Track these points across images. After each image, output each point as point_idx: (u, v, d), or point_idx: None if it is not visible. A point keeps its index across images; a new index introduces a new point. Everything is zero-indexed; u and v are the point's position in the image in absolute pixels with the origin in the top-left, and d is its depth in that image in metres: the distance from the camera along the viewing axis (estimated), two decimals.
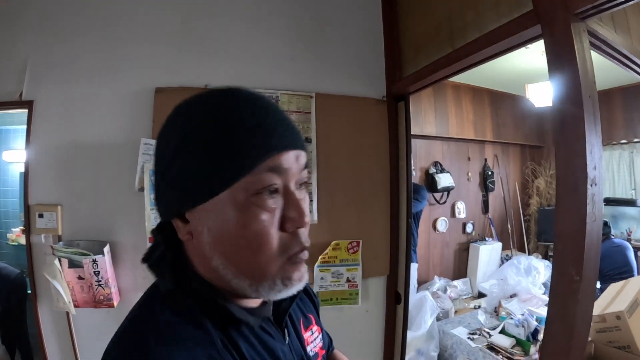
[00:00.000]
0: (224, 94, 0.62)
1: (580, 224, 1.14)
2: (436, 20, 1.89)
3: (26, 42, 1.94)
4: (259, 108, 0.60)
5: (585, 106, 1.15)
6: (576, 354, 1.22)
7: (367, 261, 2.21)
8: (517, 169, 5.60)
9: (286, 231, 0.60)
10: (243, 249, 0.58)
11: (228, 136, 0.57)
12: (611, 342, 2.50)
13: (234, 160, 0.56)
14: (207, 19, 2.07)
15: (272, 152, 0.58)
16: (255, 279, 0.60)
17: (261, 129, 0.58)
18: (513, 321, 3.17)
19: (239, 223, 0.57)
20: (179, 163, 0.58)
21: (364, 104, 2.24)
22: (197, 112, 0.61)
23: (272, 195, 0.59)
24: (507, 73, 4.34)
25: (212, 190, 0.57)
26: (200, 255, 0.62)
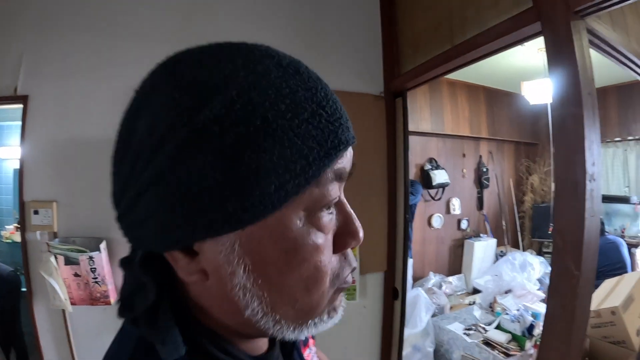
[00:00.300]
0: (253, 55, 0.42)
1: (579, 219, 1.16)
2: (435, 16, 1.90)
3: (22, 36, 1.92)
4: (313, 82, 0.42)
5: (585, 103, 1.16)
6: (575, 347, 1.23)
7: (365, 257, 2.22)
8: (512, 166, 5.64)
9: (338, 252, 0.46)
10: (298, 288, 0.42)
11: (279, 124, 0.37)
12: (606, 337, 2.53)
13: (291, 164, 0.37)
14: (205, 16, 2.06)
15: (341, 150, 0.41)
16: (302, 319, 0.44)
17: (326, 116, 0.40)
18: (508, 317, 3.20)
19: (298, 257, 0.41)
20: (190, 164, 0.37)
21: (362, 100, 2.24)
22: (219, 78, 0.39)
23: (329, 210, 0.44)
24: (503, 70, 4.36)
25: (254, 211, 0.37)
26: (224, 302, 0.43)
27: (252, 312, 0.42)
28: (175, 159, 0.37)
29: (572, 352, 1.22)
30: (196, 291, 0.45)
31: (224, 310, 0.44)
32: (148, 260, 0.43)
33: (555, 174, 1.29)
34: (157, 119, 0.39)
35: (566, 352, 1.22)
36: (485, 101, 5.17)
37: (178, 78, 0.40)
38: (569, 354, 1.22)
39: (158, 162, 0.37)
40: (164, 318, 0.42)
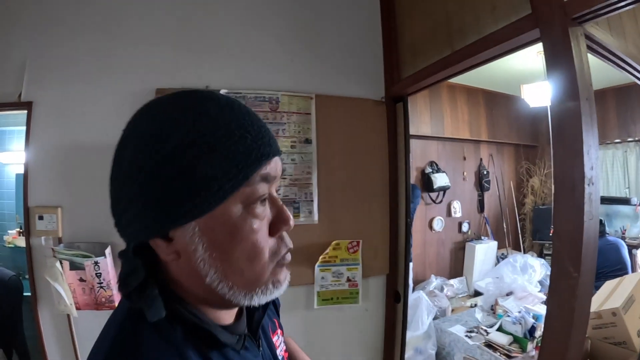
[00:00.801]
0: (202, 96, 0.59)
1: (578, 222, 1.18)
2: (434, 22, 1.92)
3: (25, 43, 1.94)
4: (241, 113, 0.59)
5: (583, 108, 1.19)
6: (575, 347, 1.25)
7: (367, 260, 2.24)
8: (512, 169, 5.66)
9: (274, 236, 0.61)
10: (240, 260, 0.57)
11: (216, 144, 0.54)
12: (607, 338, 2.53)
13: (227, 171, 0.54)
14: (207, 21, 2.08)
15: (264, 160, 0.57)
16: (251, 287, 0.59)
17: (251, 138, 0.56)
18: (510, 319, 3.21)
19: (237, 236, 0.56)
20: (162, 179, 0.53)
21: (363, 105, 2.26)
22: (179, 115, 0.56)
23: (262, 203, 0.59)
24: (502, 73, 4.39)
25: (205, 205, 0.54)
26: (190, 274, 0.58)
27: (211, 279, 0.57)
28: (152, 176, 0.53)
29: (572, 352, 1.24)
30: (173, 268, 0.60)
31: (192, 280, 0.59)
32: (138, 248, 0.58)
33: (554, 178, 1.31)
34: (137, 149, 0.55)
35: (566, 351, 1.24)
36: (485, 104, 5.18)
37: (149, 121, 0.57)
38: (569, 353, 1.24)
39: (141, 179, 0.54)
40: (150, 290, 0.56)
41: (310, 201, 2.16)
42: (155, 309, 0.55)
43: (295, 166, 2.14)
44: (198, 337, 0.58)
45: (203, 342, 0.59)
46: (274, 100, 2.11)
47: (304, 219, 2.15)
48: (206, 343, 0.59)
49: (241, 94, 2.06)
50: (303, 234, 2.14)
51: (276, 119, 2.12)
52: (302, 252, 2.14)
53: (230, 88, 2.05)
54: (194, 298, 0.61)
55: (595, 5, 1.16)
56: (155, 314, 0.55)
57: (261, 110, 2.09)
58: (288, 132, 2.14)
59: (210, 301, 0.61)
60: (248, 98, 2.08)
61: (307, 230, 2.16)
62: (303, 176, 2.16)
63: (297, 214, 2.14)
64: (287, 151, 2.13)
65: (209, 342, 0.59)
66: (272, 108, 2.11)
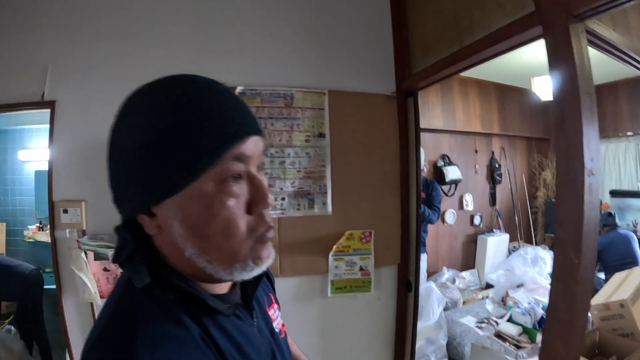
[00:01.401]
0: (182, 82, 0.62)
1: (579, 211, 1.23)
2: (444, 18, 1.97)
3: (48, 45, 2.03)
4: (218, 95, 0.61)
5: (583, 102, 1.24)
6: (577, 332, 1.30)
7: (379, 250, 2.31)
8: (524, 162, 5.67)
9: (252, 214, 0.63)
10: (215, 236, 0.60)
11: (193, 127, 0.57)
12: (615, 329, 2.56)
13: (200, 151, 0.57)
14: (224, 23, 2.16)
15: (236, 140, 0.59)
16: (229, 262, 0.62)
17: (224, 118, 0.59)
18: (520, 310, 3.26)
19: (210, 212, 0.59)
20: (143, 157, 0.58)
21: (375, 99, 2.33)
22: (158, 100, 0.60)
23: (237, 181, 0.61)
24: (514, 66, 4.38)
25: (180, 183, 0.58)
26: (172, 247, 0.62)
27: (189, 253, 0.61)
28: (134, 157, 0.58)
29: (574, 336, 1.30)
30: (158, 242, 0.64)
31: (175, 253, 0.63)
32: (128, 223, 0.64)
33: (556, 169, 1.36)
34: (123, 134, 0.61)
35: (569, 335, 1.29)
36: (497, 97, 5.19)
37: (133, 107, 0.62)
38: (572, 337, 1.29)
39: (125, 160, 0.60)
40: (138, 259, 0.62)
41: (324, 193, 2.24)
42: (140, 275, 0.60)
43: (309, 159, 2.22)
44: (189, 303, 0.62)
45: (195, 306, 0.62)
46: (288, 96, 2.19)
47: (318, 210, 2.23)
48: (198, 308, 0.62)
49: (257, 91, 2.15)
50: (317, 224, 2.23)
51: (291, 115, 2.20)
52: (316, 242, 2.22)
53: (247, 85, 2.13)
54: (182, 269, 0.64)
55: (596, 2, 1.20)
56: (140, 280, 0.59)
57: (276, 106, 2.18)
58: (302, 126, 2.22)
59: (195, 274, 0.64)
60: (264, 95, 2.16)
61: (321, 221, 2.24)
62: (317, 169, 2.23)
63: (312, 205, 2.22)
64: (301, 145, 2.21)
65: (200, 307, 0.62)
66: (286, 104, 2.19)
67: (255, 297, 0.78)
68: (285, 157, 2.19)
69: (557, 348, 1.32)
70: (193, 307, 0.62)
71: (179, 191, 0.58)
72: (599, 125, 4.10)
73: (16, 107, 2.10)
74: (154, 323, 0.57)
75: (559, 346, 1.31)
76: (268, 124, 2.17)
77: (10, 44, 2.03)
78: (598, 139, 1.30)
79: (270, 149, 2.17)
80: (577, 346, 1.30)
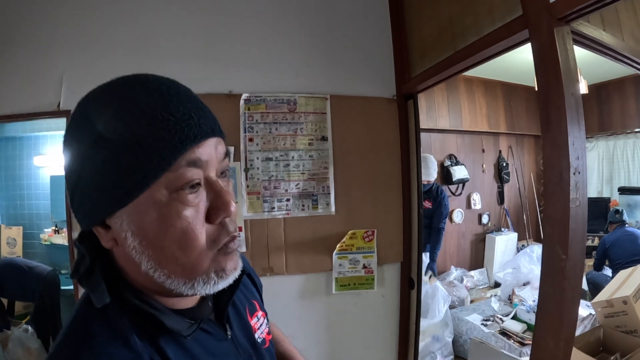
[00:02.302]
0: (130, 83, 0.57)
1: (565, 209, 1.28)
2: (439, 23, 2.02)
3: (63, 57, 2.11)
4: (170, 96, 0.56)
5: (568, 103, 1.28)
6: (567, 327, 1.34)
7: (382, 249, 2.37)
8: (532, 160, 5.66)
9: (213, 223, 0.58)
10: (171, 248, 0.55)
11: (139, 131, 0.52)
12: (618, 326, 2.57)
13: (149, 158, 0.52)
14: (229, 33, 2.24)
15: (189, 144, 0.54)
16: (189, 276, 0.57)
17: (174, 120, 0.54)
18: (525, 307, 3.28)
19: (164, 223, 0.54)
20: (90, 166, 0.54)
21: (376, 103, 2.39)
22: (104, 106, 0.55)
23: (193, 189, 0.56)
24: (519, 64, 4.37)
25: (129, 192, 0.53)
26: (129, 261, 0.58)
27: (145, 267, 0.57)
28: (84, 165, 0.54)
29: (564, 331, 1.34)
30: (116, 256, 0.61)
31: (132, 268, 0.59)
32: (84, 236, 0.60)
33: (544, 168, 1.41)
34: (72, 140, 0.57)
35: (559, 330, 1.34)
36: (503, 96, 5.19)
37: (82, 110, 0.58)
38: (561, 332, 1.33)
39: (77, 168, 0.56)
40: (95, 275, 0.58)
41: (327, 194, 2.31)
42: (100, 293, 0.56)
43: (313, 162, 2.29)
44: (146, 323, 0.58)
45: (151, 327, 0.58)
46: (291, 101, 2.27)
47: (322, 210, 2.30)
48: (154, 328, 0.58)
49: (261, 97, 2.23)
50: (321, 224, 2.30)
51: (294, 119, 2.27)
52: (320, 241, 2.29)
53: (252, 92, 2.21)
54: (142, 285, 0.60)
55: (579, 4, 1.23)
56: (99, 300, 0.56)
57: (280, 111, 2.25)
58: (305, 130, 2.28)
59: (157, 289, 0.60)
60: (268, 101, 2.24)
61: (325, 221, 2.30)
62: (320, 171, 2.30)
63: (316, 205, 2.29)
64: (305, 148, 2.28)
65: (157, 328, 0.58)
66: (290, 109, 2.26)
67: (234, 305, 0.76)
68: (290, 160, 2.26)
69: (547, 343, 1.37)
70: (149, 327, 0.58)
71: (130, 201, 0.54)
72: (606, 121, 4.17)
73: (33, 116, 2.20)
74: (100, 345, 0.53)
75: (549, 341, 1.36)
76: (273, 129, 2.24)
77: (27, 56, 2.12)
78: (584, 138, 1.34)
79: (275, 152, 2.24)
80: (567, 341, 1.34)
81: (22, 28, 2.13)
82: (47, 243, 4.48)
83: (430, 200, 4.00)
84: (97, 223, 0.57)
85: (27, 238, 4.58)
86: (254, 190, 2.22)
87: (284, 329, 1.10)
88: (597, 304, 2.69)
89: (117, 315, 0.57)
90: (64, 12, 2.13)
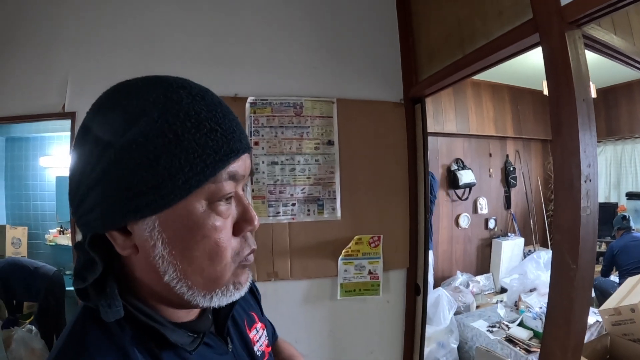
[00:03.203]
0: (170, 86, 0.54)
1: (576, 217, 1.25)
2: (447, 27, 2.01)
3: (67, 59, 2.13)
4: (214, 105, 0.55)
5: (579, 109, 1.26)
6: (575, 337, 1.32)
7: (388, 254, 2.35)
8: (539, 164, 5.60)
9: (238, 235, 0.59)
10: (202, 259, 0.55)
11: (184, 135, 0.51)
12: (626, 334, 2.54)
13: (194, 166, 0.51)
14: (236, 35, 2.24)
15: (233, 158, 0.54)
16: (210, 287, 0.57)
17: (221, 131, 0.53)
18: (531, 314, 3.24)
19: (199, 234, 0.53)
20: (120, 165, 0.50)
21: (383, 107, 2.37)
22: (142, 106, 0.52)
23: (228, 202, 0.56)
24: (527, 68, 4.33)
25: (168, 199, 0.51)
26: (148, 270, 0.56)
27: (169, 278, 0.54)
28: (114, 162, 0.50)
29: (573, 341, 1.32)
30: (131, 264, 0.57)
31: (150, 277, 0.56)
32: (94, 240, 0.55)
33: (554, 175, 1.38)
34: (100, 134, 0.52)
35: (566, 340, 1.31)
36: (510, 100, 5.14)
37: (116, 104, 0.54)
38: (569, 342, 1.31)
39: (103, 164, 0.51)
40: (110, 286, 0.54)
41: (333, 199, 2.29)
42: (115, 308, 0.53)
43: (319, 166, 2.27)
44: (148, 336, 0.56)
45: (154, 341, 0.56)
46: (298, 105, 2.25)
47: (327, 215, 2.28)
48: (157, 342, 0.56)
49: (268, 101, 2.21)
50: (327, 229, 2.28)
51: (300, 123, 2.26)
52: (326, 246, 2.28)
53: (258, 95, 2.20)
54: (150, 295, 0.58)
55: (591, 8, 1.21)
56: (114, 315, 0.53)
57: (286, 115, 2.24)
58: (312, 134, 2.27)
59: (167, 300, 0.58)
60: (274, 104, 2.22)
61: (331, 226, 2.29)
62: (326, 175, 2.28)
63: (322, 210, 2.27)
64: (310, 152, 2.27)
65: (159, 342, 0.56)
66: (296, 113, 2.25)
67: (232, 318, 0.74)
68: (296, 164, 2.25)
69: (555, 353, 1.34)
70: (152, 341, 0.56)
71: (167, 208, 0.52)
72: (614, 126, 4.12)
73: (39, 118, 2.21)
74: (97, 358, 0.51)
75: (557, 351, 1.33)
76: (279, 133, 2.23)
77: (32, 58, 2.14)
78: (596, 145, 1.32)
79: (280, 156, 2.23)
80: (575, 351, 1.32)
81: (26, 29, 2.14)
82: (52, 244, 4.50)
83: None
84: (116, 228, 0.53)
85: (32, 238, 4.58)
86: (260, 194, 2.20)
87: (288, 333, 1.07)
88: (604, 311, 2.65)
89: (119, 327, 0.54)
90: (68, 13, 2.14)
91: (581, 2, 1.23)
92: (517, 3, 1.52)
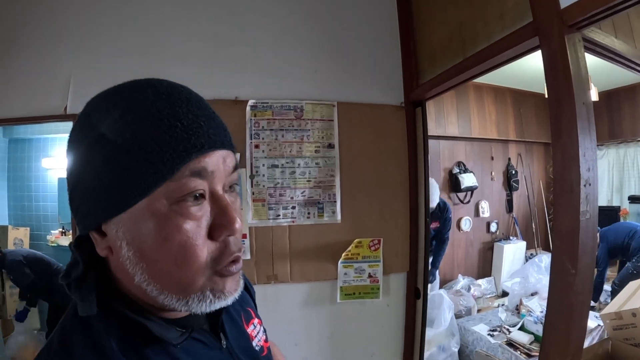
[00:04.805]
0: (139, 87, 0.55)
1: (575, 221, 1.25)
2: (449, 29, 2.00)
3: (69, 61, 2.14)
4: (180, 102, 0.53)
5: (579, 112, 1.25)
6: (574, 343, 1.31)
7: (388, 258, 2.34)
8: (541, 168, 5.59)
9: (216, 240, 0.55)
10: (167, 263, 0.52)
11: (141, 134, 0.50)
12: (627, 339, 2.52)
13: (151, 165, 0.50)
14: (236, 39, 2.24)
15: (195, 154, 0.52)
16: (182, 293, 0.54)
17: (181, 127, 0.51)
18: (532, 318, 3.22)
19: (161, 235, 0.51)
20: (90, 167, 0.52)
21: (383, 110, 2.37)
22: (110, 106, 0.53)
23: (196, 201, 0.53)
24: (529, 71, 4.32)
25: (127, 199, 0.50)
26: (123, 271, 0.55)
27: (139, 279, 0.54)
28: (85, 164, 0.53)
29: (572, 346, 1.31)
30: (111, 264, 0.58)
31: (126, 278, 0.56)
32: (80, 241, 0.58)
33: (554, 179, 1.38)
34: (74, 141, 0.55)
35: (566, 346, 1.31)
36: (513, 103, 5.13)
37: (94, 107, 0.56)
38: (568, 348, 1.31)
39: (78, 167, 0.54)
40: (87, 283, 0.55)
41: (333, 202, 2.29)
42: (88, 303, 0.53)
43: (319, 169, 2.27)
44: (133, 332, 0.55)
45: (139, 336, 0.55)
46: (298, 108, 2.25)
47: (327, 218, 2.28)
48: (142, 337, 0.55)
49: (268, 104, 2.22)
50: (327, 232, 2.28)
51: (301, 126, 2.26)
52: (325, 250, 2.27)
53: (258, 98, 2.21)
54: (135, 297, 0.58)
55: (590, 11, 1.21)
56: (85, 309, 0.53)
57: (287, 118, 2.24)
58: (312, 137, 2.27)
59: (148, 301, 0.57)
60: (275, 107, 2.23)
61: (331, 229, 2.28)
62: (327, 179, 2.28)
63: (322, 214, 2.27)
64: (311, 155, 2.27)
65: (144, 337, 0.55)
66: (297, 116, 2.25)
67: (228, 313, 0.73)
68: (296, 168, 2.25)
69: (554, 359, 1.33)
70: (137, 337, 0.55)
71: (127, 208, 0.51)
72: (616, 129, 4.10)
73: (41, 119, 2.22)
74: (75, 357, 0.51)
75: (556, 356, 1.33)
76: (279, 136, 2.23)
77: (35, 60, 2.15)
78: (595, 148, 1.31)
79: (281, 159, 2.23)
80: (575, 356, 1.31)
81: (28, 31, 2.15)
82: (53, 245, 4.53)
83: (436, 220, 3.94)
84: (93, 228, 0.54)
85: (34, 239, 4.60)
86: (260, 197, 2.20)
87: (287, 336, 1.07)
88: (605, 315, 2.63)
89: (103, 326, 0.54)
90: (71, 17, 2.15)
91: (581, 5, 1.23)
92: (518, 5, 1.52)
